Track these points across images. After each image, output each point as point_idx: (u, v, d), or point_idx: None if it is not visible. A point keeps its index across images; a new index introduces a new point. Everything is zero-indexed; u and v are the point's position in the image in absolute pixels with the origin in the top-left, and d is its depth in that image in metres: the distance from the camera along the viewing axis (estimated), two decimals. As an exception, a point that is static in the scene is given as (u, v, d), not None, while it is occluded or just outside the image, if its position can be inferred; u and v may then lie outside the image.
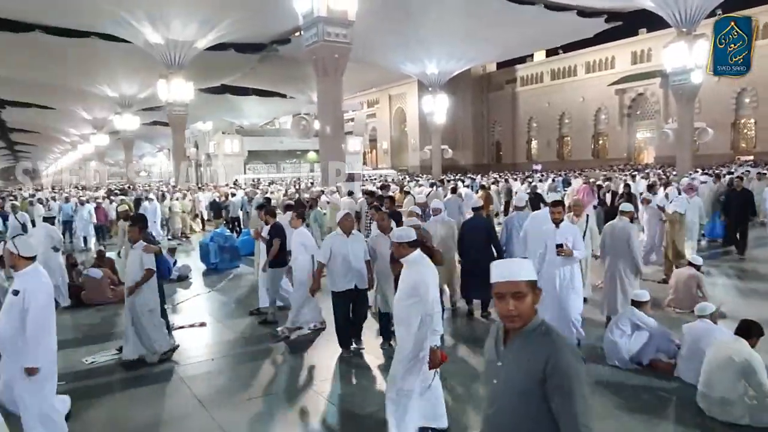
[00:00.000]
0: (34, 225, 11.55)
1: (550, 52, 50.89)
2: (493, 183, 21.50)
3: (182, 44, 25.65)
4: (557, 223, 5.65)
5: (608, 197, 13.29)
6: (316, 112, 21.37)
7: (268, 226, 7.40)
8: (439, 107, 36.00)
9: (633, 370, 5.30)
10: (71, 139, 60.45)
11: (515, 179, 24.22)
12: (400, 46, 30.79)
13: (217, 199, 18.95)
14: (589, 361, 5.62)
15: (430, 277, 3.92)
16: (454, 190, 13.84)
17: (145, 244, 6.03)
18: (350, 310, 6.07)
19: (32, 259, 4.08)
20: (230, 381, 5.57)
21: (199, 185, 28.06)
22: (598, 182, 16.37)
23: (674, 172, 23.16)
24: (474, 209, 7.84)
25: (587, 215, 7.64)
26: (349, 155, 26.17)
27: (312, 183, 26.58)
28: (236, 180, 34.60)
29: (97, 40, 26.89)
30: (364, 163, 51.89)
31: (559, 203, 5.91)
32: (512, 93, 57.73)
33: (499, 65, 56.22)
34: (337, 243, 5.93)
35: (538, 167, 42.30)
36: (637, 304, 5.58)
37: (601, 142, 51.15)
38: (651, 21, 28.24)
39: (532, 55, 52.48)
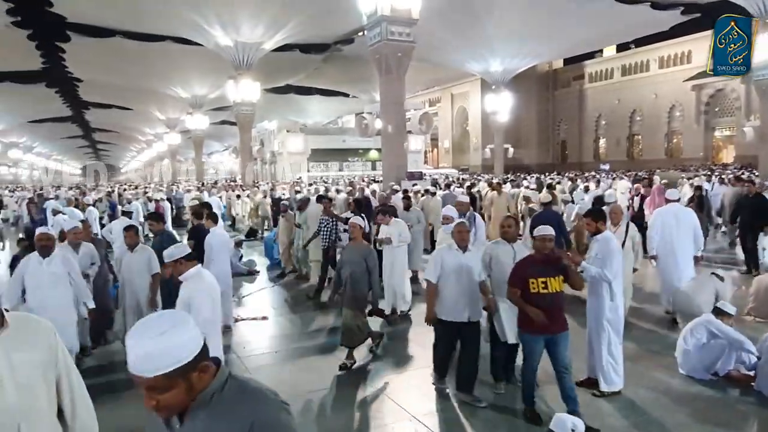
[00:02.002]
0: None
1: (621, 47, 48.77)
2: (557, 183, 20.87)
3: (250, 46, 26.49)
4: (593, 236, 4.95)
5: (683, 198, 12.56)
6: (379, 111, 21.47)
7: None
8: (503, 105, 35.38)
9: (708, 381, 5.01)
10: (146, 138, 63.80)
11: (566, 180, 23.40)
12: (463, 44, 30.48)
13: (282, 197, 19.40)
14: (661, 369, 5.37)
15: (205, 295, 3.84)
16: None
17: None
18: (454, 348, 4.98)
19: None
20: (292, 373, 5.71)
21: (272, 184, 28.82)
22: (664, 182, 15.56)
23: (756, 173, 21.72)
24: (544, 204, 8.12)
25: (627, 223, 6.87)
26: (411, 154, 26.09)
27: (373, 181, 26.72)
28: (300, 177, 35.41)
29: (171, 44, 28.25)
30: (425, 162, 51.71)
31: (591, 213, 5.20)
32: (580, 90, 55.85)
33: (566, 61, 54.47)
34: (450, 259, 4.75)
35: (606, 167, 40.71)
36: (718, 312, 5.25)
37: (674, 140, 48.60)
38: (732, 12, 26.53)
39: (601, 51, 50.52)
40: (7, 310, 2.22)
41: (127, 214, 10.28)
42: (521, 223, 10.90)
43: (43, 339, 2.23)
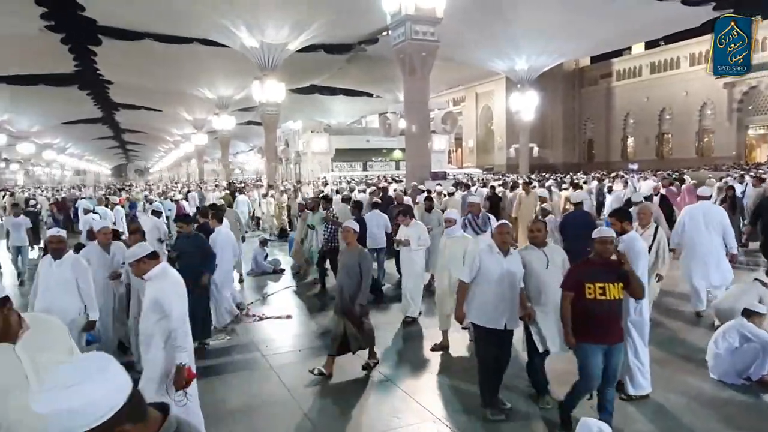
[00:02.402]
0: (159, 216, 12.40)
1: (650, 44, 47.80)
2: (584, 183, 20.55)
3: (275, 47, 26.72)
4: (619, 235, 4.73)
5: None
6: (402, 111, 21.46)
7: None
8: (528, 104, 34.98)
9: (740, 386, 4.89)
10: (174, 139, 64.88)
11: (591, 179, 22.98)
12: (488, 42, 30.25)
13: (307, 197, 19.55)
14: (690, 374, 5.25)
15: (172, 293, 3.79)
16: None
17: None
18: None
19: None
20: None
21: (297, 183, 29.06)
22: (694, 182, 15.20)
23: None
24: (575, 204, 8.08)
25: (656, 225, 6.38)
26: (434, 154, 26.03)
27: (394, 180, 26.71)
28: (325, 177, 35.61)
29: (198, 46, 28.66)
30: (449, 162, 51.51)
31: (616, 213, 5.12)
32: (607, 88, 54.91)
33: (594, 59, 53.58)
34: (489, 261, 4.48)
35: (635, 166, 39.96)
36: (749, 314, 5.11)
37: (706, 139, 47.41)
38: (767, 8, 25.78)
39: (629, 48, 49.58)
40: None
41: (157, 213, 10.42)
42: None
43: (60, 337, 2.28)
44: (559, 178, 23.51)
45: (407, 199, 12.59)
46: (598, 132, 56.61)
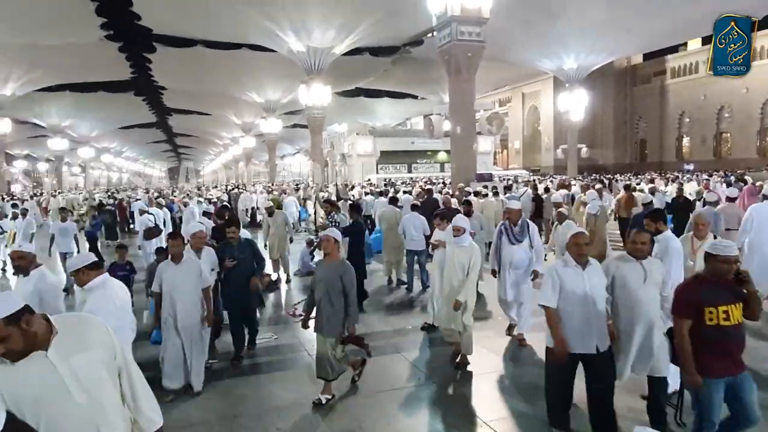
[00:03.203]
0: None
1: (707, 39, 45.80)
2: (637, 184, 19.90)
3: (321, 51, 27.08)
4: (653, 236, 4.46)
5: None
6: (448, 113, 21.30)
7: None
8: (577, 104, 34.16)
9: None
10: (224, 142, 66.68)
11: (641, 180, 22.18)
12: (535, 42, 29.72)
13: (353, 199, 19.71)
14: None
15: (109, 305, 3.69)
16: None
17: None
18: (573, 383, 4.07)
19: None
20: (366, 372, 5.76)
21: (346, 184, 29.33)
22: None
23: None
24: (644, 204, 8.01)
25: (713, 236, 5.80)
26: (480, 155, 25.72)
27: (430, 182, 26.54)
28: (369, 179, 35.79)
29: (247, 52, 29.37)
30: (495, 163, 50.86)
31: (650, 214, 4.98)
32: (661, 86, 52.99)
33: (646, 56, 51.82)
34: (569, 278, 3.93)
35: (690, 167, 38.43)
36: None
37: (768, 138, 45.13)
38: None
39: (685, 44, 47.68)
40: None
41: (208, 214, 10.61)
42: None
43: (97, 335, 2.21)
44: (607, 180, 22.86)
45: (455, 202, 12.37)
46: (651, 131, 54.69)
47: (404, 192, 17.52)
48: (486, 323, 7.27)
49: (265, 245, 10.74)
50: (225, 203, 17.22)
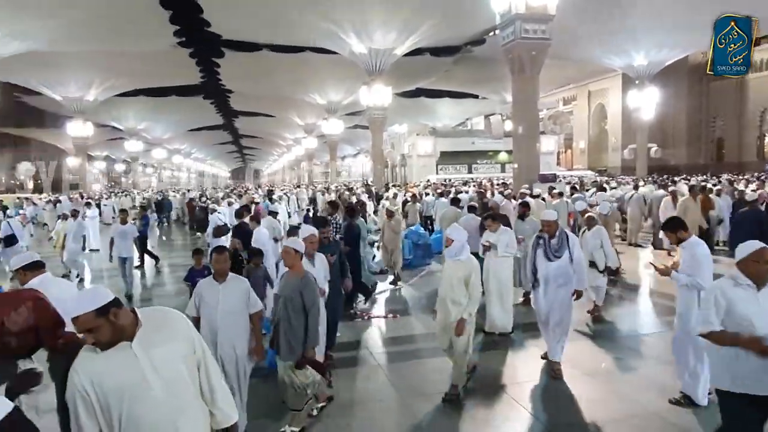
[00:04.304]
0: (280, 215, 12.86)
1: (793, 32, 42.70)
2: (715, 185, 18.79)
3: (383, 52, 27.27)
4: (678, 245, 4.62)
5: None
6: (510, 112, 20.94)
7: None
8: (647, 101, 32.74)
9: None
10: (287, 143, 68.39)
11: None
12: (603, 38, 28.68)
13: (409, 199, 19.70)
14: None
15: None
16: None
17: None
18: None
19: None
20: (421, 374, 5.76)
21: (405, 186, 29.43)
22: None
23: None
24: (749, 202, 7.65)
25: None
26: (543, 155, 25.08)
27: (490, 183, 25.99)
28: (429, 180, 35.69)
29: (310, 54, 30.01)
30: (558, 164, 49.50)
31: (667, 225, 4.81)
32: (740, 81, 49.72)
33: (724, 51, 48.88)
34: (741, 300, 3.18)
35: (773, 167, 35.92)
36: None
37: None
38: None
39: (766, 37, 44.62)
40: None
41: (274, 213, 10.81)
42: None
43: (178, 328, 2.30)
44: (673, 181, 21.68)
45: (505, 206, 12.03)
46: (729, 130, 51.50)
47: (465, 192, 17.35)
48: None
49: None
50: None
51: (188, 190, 39.71)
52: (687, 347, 4.59)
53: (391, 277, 10.68)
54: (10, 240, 11.62)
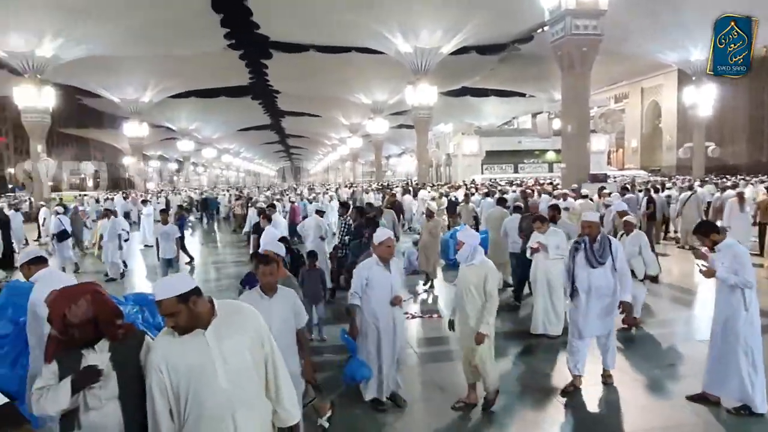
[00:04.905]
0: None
1: None
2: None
3: (428, 51, 27.20)
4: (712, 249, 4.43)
5: None
6: (559, 110, 20.52)
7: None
8: (704, 98, 31.39)
9: None
10: (332, 142, 69.16)
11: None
12: (657, 32, 27.65)
13: (454, 199, 19.58)
14: None
15: (37, 300, 3.38)
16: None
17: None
18: None
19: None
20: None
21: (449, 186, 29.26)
22: None
23: None
24: None
25: None
26: (593, 154, 24.36)
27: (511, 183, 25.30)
28: (473, 180, 35.36)
29: (356, 54, 30.27)
30: (609, 163, 48.14)
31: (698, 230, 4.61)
32: (806, 76, 47.09)
33: (789, 44, 46.36)
34: None
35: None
36: None
37: None
38: None
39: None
40: (212, 301, 2.33)
41: (320, 212, 10.80)
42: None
43: (250, 322, 2.37)
44: (741, 182, 20.63)
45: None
46: (794, 127, 48.78)
47: (512, 191, 17.09)
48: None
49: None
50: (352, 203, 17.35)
51: (237, 188, 40.71)
52: (736, 353, 4.38)
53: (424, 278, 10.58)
54: (63, 235, 12.28)
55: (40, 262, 4.05)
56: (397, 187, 29.10)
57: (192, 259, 13.44)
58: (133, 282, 11.06)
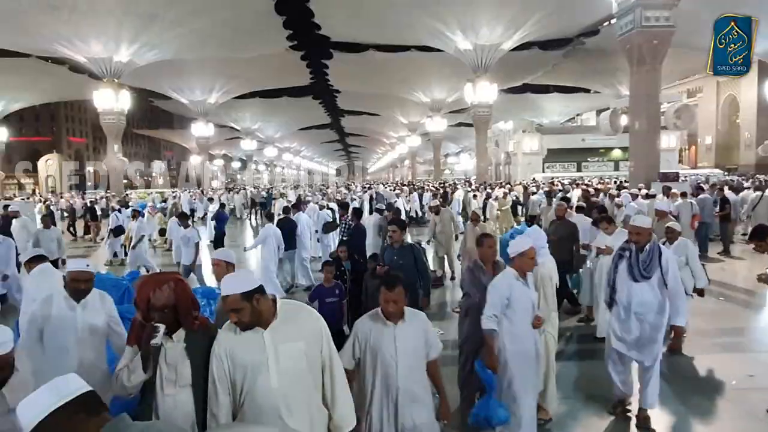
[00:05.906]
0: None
1: None
2: None
3: (489, 48, 26.76)
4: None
5: None
6: (626, 106, 19.67)
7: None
8: (789, 92, 29.29)
9: None
10: (390, 141, 69.38)
11: None
12: (735, 23, 26.01)
13: (516, 198, 19.24)
14: None
15: (28, 296, 3.57)
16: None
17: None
18: None
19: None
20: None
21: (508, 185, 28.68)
22: None
23: None
24: None
25: None
26: (662, 152, 23.18)
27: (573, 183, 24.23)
28: (534, 178, 34.57)
29: (415, 53, 30.23)
30: (680, 161, 45.81)
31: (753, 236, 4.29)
32: None
33: None
34: None
35: None
36: None
37: None
38: None
39: None
40: (274, 300, 2.38)
41: (380, 211, 10.80)
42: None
43: (310, 328, 2.42)
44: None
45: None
46: None
47: (572, 189, 16.56)
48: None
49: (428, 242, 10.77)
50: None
51: (295, 187, 41.49)
52: None
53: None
54: (118, 230, 13.04)
55: (38, 259, 4.97)
56: (450, 185, 28.85)
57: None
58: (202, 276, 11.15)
